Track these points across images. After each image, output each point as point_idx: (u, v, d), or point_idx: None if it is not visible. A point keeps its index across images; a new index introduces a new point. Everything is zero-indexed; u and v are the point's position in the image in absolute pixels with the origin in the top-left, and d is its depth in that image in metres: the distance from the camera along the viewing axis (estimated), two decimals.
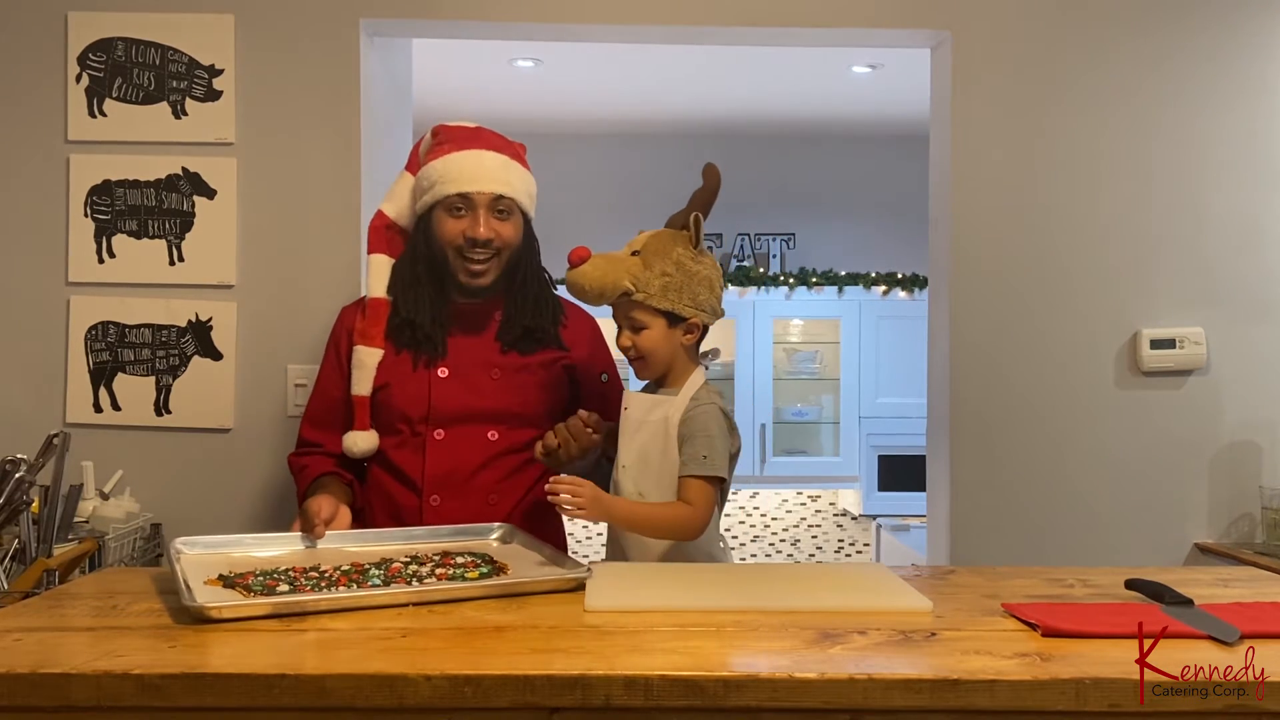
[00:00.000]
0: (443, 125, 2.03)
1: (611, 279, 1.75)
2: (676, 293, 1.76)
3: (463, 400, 1.96)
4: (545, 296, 2.03)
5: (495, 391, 1.96)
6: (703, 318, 1.79)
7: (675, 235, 1.80)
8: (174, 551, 1.60)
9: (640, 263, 1.76)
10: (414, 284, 1.98)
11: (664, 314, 1.77)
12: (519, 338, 1.99)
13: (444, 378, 1.97)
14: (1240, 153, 2.71)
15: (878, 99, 4.49)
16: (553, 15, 2.63)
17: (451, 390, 1.96)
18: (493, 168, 1.95)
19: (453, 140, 1.98)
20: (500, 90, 4.34)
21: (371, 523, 1.97)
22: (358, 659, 1.19)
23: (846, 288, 4.82)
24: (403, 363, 1.98)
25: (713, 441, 1.73)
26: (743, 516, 5.23)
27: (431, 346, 1.97)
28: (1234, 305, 2.71)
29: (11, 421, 2.50)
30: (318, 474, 2.00)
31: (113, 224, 2.56)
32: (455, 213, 1.93)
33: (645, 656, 1.20)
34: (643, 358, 1.80)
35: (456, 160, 1.94)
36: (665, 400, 1.78)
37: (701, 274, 1.78)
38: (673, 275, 1.76)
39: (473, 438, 1.95)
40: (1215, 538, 2.71)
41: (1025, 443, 2.69)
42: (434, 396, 1.96)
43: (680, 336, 1.79)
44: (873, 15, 2.66)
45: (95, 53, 2.55)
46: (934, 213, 2.83)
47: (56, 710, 1.14)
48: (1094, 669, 1.15)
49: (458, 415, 1.95)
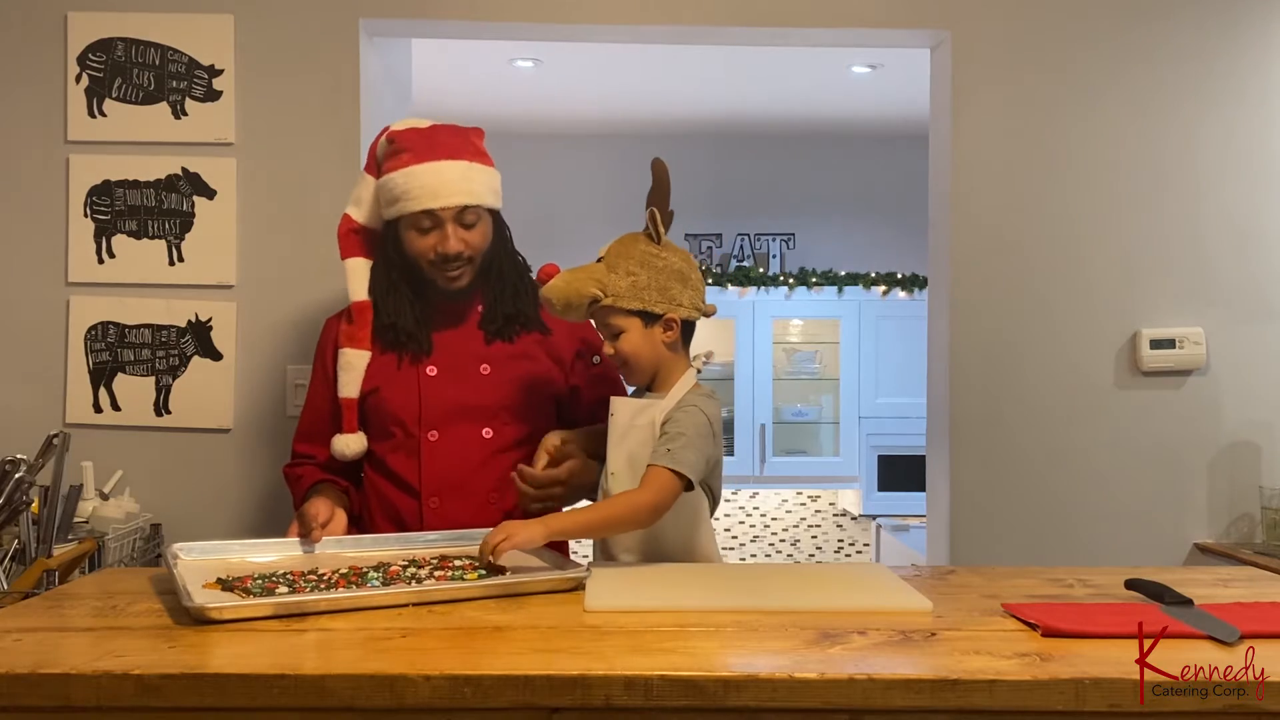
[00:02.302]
0: (395, 131, 1.98)
1: (576, 288, 1.73)
2: (645, 290, 1.73)
3: (454, 398, 1.94)
4: (523, 282, 2.02)
5: (486, 387, 1.95)
6: (679, 312, 1.75)
7: (636, 235, 1.79)
8: (170, 556, 1.60)
9: (604, 268, 1.75)
10: (391, 289, 1.98)
11: (638, 314, 1.74)
12: (501, 326, 1.99)
13: (433, 376, 1.96)
14: (1241, 152, 2.71)
15: (877, 99, 4.49)
16: (553, 15, 2.63)
17: (442, 388, 1.95)
18: (453, 179, 1.91)
19: (411, 149, 1.93)
20: (500, 90, 4.35)
21: (372, 528, 1.96)
22: (358, 659, 1.19)
23: (846, 288, 4.82)
24: (391, 365, 1.98)
25: (685, 439, 1.67)
26: (743, 516, 5.24)
27: (417, 345, 1.97)
28: (1234, 305, 2.71)
29: (11, 421, 2.50)
30: (313, 482, 2.00)
31: (113, 224, 2.56)
32: (422, 230, 1.92)
33: (645, 656, 1.20)
34: (627, 363, 1.77)
35: (417, 175, 1.90)
36: (652, 403, 1.76)
37: (671, 267, 1.75)
38: (639, 274, 1.73)
39: (467, 437, 1.94)
40: (1215, 538, 2.71)
41: (1025, 443, 2.69)
42: (425, 396, 1.95)
43: (660, 335, 1.76)
44: (872, 15, 2.66)
45: (95, 53, 2.55)
46: (934, 213, 2.83)
47: (56, 710, 1.14)
48: (1094, 669, 1.15)
49: (450, 414, 1.94)
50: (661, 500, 1.64)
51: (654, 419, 1.72)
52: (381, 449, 1.98)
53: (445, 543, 1.76)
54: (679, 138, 4.98)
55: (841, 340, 4.85)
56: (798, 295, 4.82)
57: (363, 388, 1.98)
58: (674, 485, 1.64)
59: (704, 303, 1.80)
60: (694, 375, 1.80)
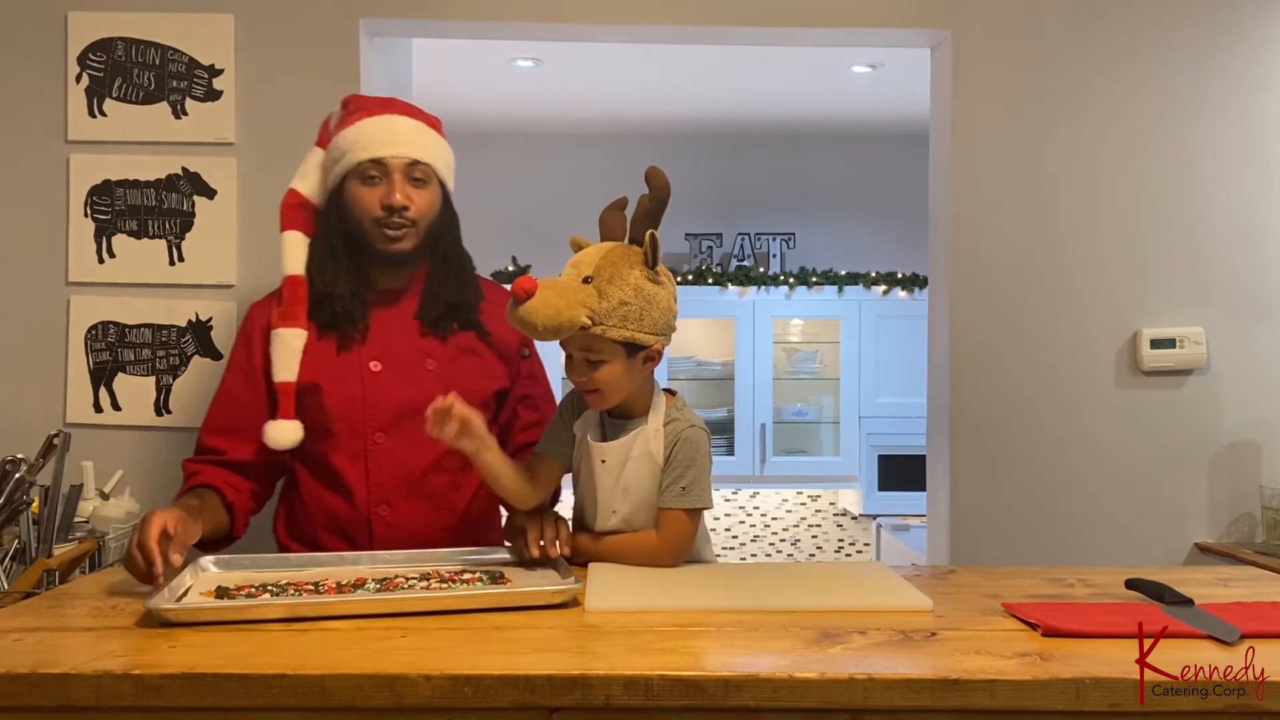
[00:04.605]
0: (353, 95, 1.95)
1: (567, 316, 1.55)
2: (636, 320, 1.59)
3: (401, 395, 1.83)
4: (468, 274, 1.93)
5: (436, 385, 1.80)
6: (662, 342, 1.65)
7: (629, 255, 1.62)
8: (196, 566, 1.59)
9: (594, 292, 1.58)
10: (330, 258, 1.86)
11: (624, 345, 1.61)
12: (441, 315, 1.88)
13: (377, 372, 1.84)
14: (1241, 152, 2.71)
15: (877, 99, 4.49)
16: (553, 15, 2.63)
17: (388, 386, 1.84)
18: (406, 132, 1.85)
19: (364, 109, 1.88)
20: (500, 90, 4.35)
21: (309, 535, 1.85)
22: (358, 659, 1.19)
23: (846, 287, 4.82)
24: (329, 355, 1.85)
25: (693, 471, 1.65)
26: (743, 516, 5.23)
27: (352, 323, 1.85)
28: (1234, 305, 2.71)
29: (11, 421, 2.50)
30: (199, 484, 1.83)
31: (113, 224, 2.56)
32: (369, 181, 1.83)
33: (645, 656, 1.20)
34: (600, 391, 1.65)
35: (369, 125, 1.84)
36: (639, 433, 1.67)
37: (660, 296, 1.62)
38: (632, 303, 1.59)
39: (415, 438, 1.76)
40: (1215, 537, 2.71)
41: (1025, 442, 2.69)
42: (370, 393, 1.84)
43: (641, 365, 1.65)
44: (873, 15, 2.66)
45: (95, 53, 2.55)
46: (934, 213, 2.83)
47: (56, 710, 1.15)
48: (1094, 669, 1.15)
49: (398, 413, 1.82)
50: (682, 543, 1.67)
51: (649, 449, 1.66)
52: (319, 451, 1.85)
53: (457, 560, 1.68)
54: (679, 138, 4.98)
55: (841, 340, 4.85)
56: (798, 295, 4.82)
57: (301, 381, 1.83)
58: (690, 523, 1.66)
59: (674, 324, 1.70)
60: (662, 391, 1.73)
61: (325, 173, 1.91)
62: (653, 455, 1.66)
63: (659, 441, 1.67)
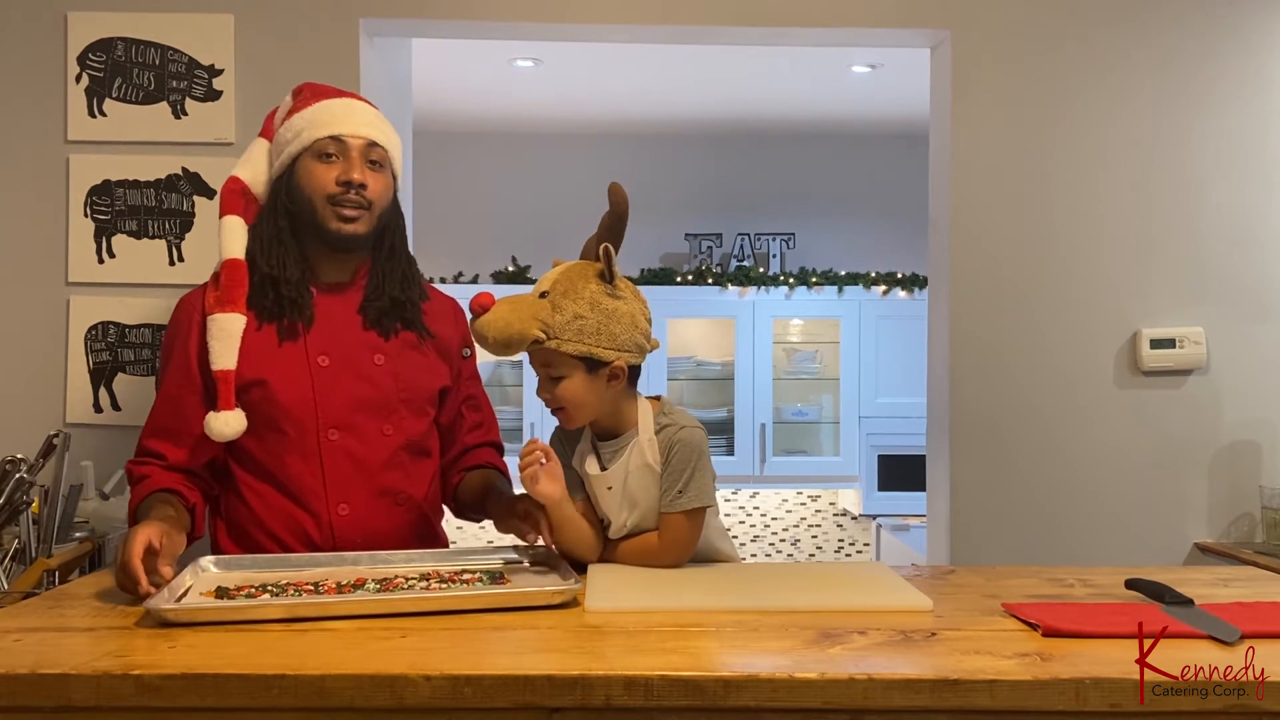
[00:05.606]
0: (307, 84, 1.90)
1: (518, 328, 1.57)
2: (594, 335, 1.59)
3: (351, 391, 1.78)
4: (413, 272, 1.89)
5: (384, 380, 1.79)
6: (625, 358, 1.62)
7: (586, 269, 1.62)
8: (196, 566, 1.59)
9: (549, 306, 1.59)
10: (276, 240, 1.79)
11: (581, 360, 1.60)
12: (386, 310, 1.83)
13: (325, 366, 1.78)
14: (1240, 152, 2.71)
15: (877, 99, 4.49)
16: (553, 15, 2.63)
17: (337, 380, 1.78)
18: (365, 114, 1.83)
19: (320, 94, 1.85)
20: (500, 90, 4.34)
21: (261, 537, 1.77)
22: (358, 659, 1.19)
23: (846, 288, 4.81)
24: (270, 348, 1.77)
25: (688, 473, 1.65)
26: (743, 516, 5.23)
27: (299, 310, 1.78)
28: (1233, 305, 2.71)
29: (11, 421, 2.50)
30: (157, 488, 1.74)
31: (113, 224, 2.56)
32: (326, 159, 1.77)
33: (645, 657, 1.20)
34: (565, 409, 1.64)
35: (328, 106, 1.81)
36: (633, 446, 1.66)
37: (620, 311, 1.61)
38: (588, 317, 1.58)
39: (368, 434, 1.77)
40: (1215, 537, 2.71)
41: (1025, 442, 2.69)
42: (320, 389, 1.77)
43: (606, 382, 1.63)
44: (872, 15, 2.66)
45: (95, 53, 2.55)
46: (934, 213, 2.83)
47: (56, 710, 1.14)
48: (1094, 669, 1.15)
49: (350, 408, 1.77)
50: (684, 547, 1.67)
51: (646, 462, 1.66)
52: (268, 450, 1.77)
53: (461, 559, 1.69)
54: (679, 138, 4.98)
55: (841, 340, 4.85)
56: (798, 295, 4.82)
57: (245, 377, 1.75)
58: (692, 522, 1.66)
59: (650, 339, 1.69)
60: (648, 403, 1.72)
61: (271, 161, 1.86)
62: (650, 465, 1.67)
63: (654, 450, 1.67)
